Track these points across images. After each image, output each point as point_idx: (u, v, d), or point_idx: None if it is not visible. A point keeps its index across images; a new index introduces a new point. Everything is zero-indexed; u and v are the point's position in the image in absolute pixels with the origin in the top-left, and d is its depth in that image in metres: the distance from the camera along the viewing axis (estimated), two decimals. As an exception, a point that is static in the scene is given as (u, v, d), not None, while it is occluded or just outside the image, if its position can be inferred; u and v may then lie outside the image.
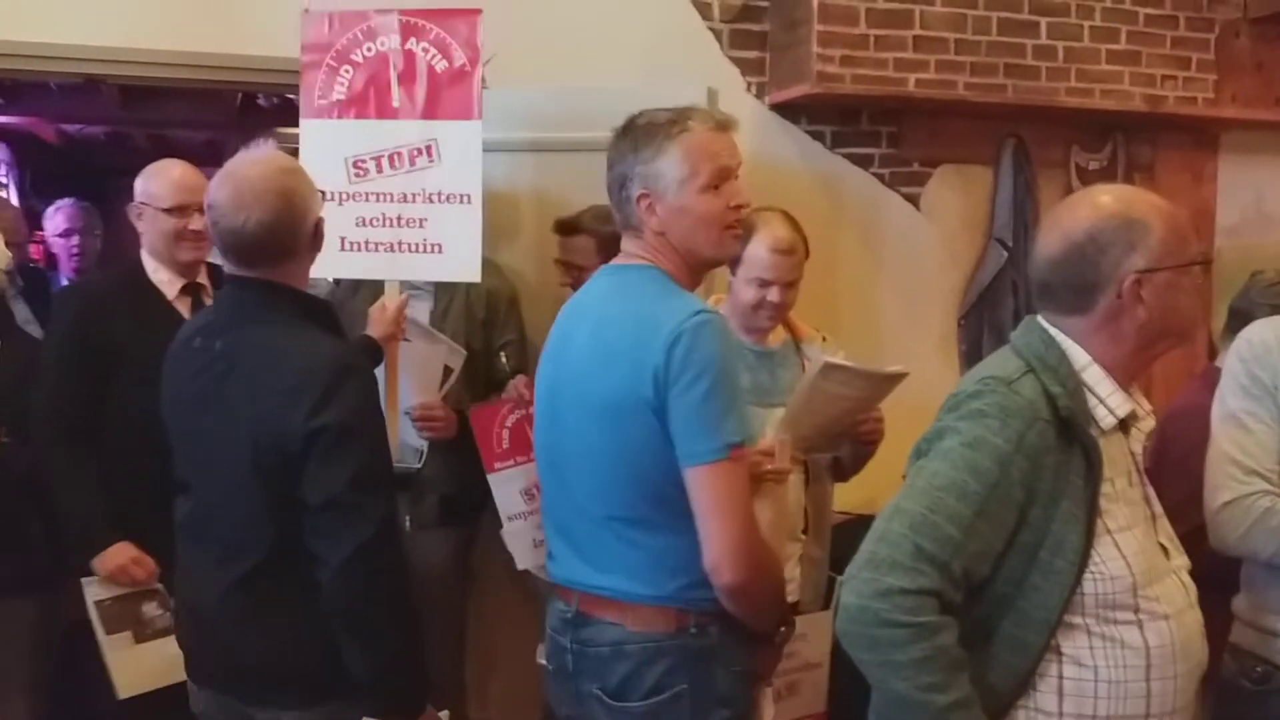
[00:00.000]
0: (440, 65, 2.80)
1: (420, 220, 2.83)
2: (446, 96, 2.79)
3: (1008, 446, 1.54)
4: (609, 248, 3.01)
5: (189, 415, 2.03)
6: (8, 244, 3.00)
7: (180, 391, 2.07)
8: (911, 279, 3.97)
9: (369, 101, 2.82)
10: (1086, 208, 1.64)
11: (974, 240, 4.03)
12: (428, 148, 2.84)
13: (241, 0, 3.30)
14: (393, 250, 2.83)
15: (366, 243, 2.83)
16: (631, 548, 1.83)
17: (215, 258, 2.34)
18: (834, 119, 3.84)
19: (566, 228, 3.03)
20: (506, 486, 2.86)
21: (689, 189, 1.83)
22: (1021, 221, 4.04)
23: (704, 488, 1.74)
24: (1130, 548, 1.59)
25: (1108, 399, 1.62)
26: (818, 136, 3.86)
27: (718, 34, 3.74)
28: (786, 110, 3.79)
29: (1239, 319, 2.65)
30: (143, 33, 3.20)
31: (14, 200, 7.20)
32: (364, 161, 2.85)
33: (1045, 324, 1.66)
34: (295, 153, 2.68)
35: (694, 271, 1.92)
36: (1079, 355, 1.62)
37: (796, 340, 2.67)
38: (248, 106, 6.14)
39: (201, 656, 2.08)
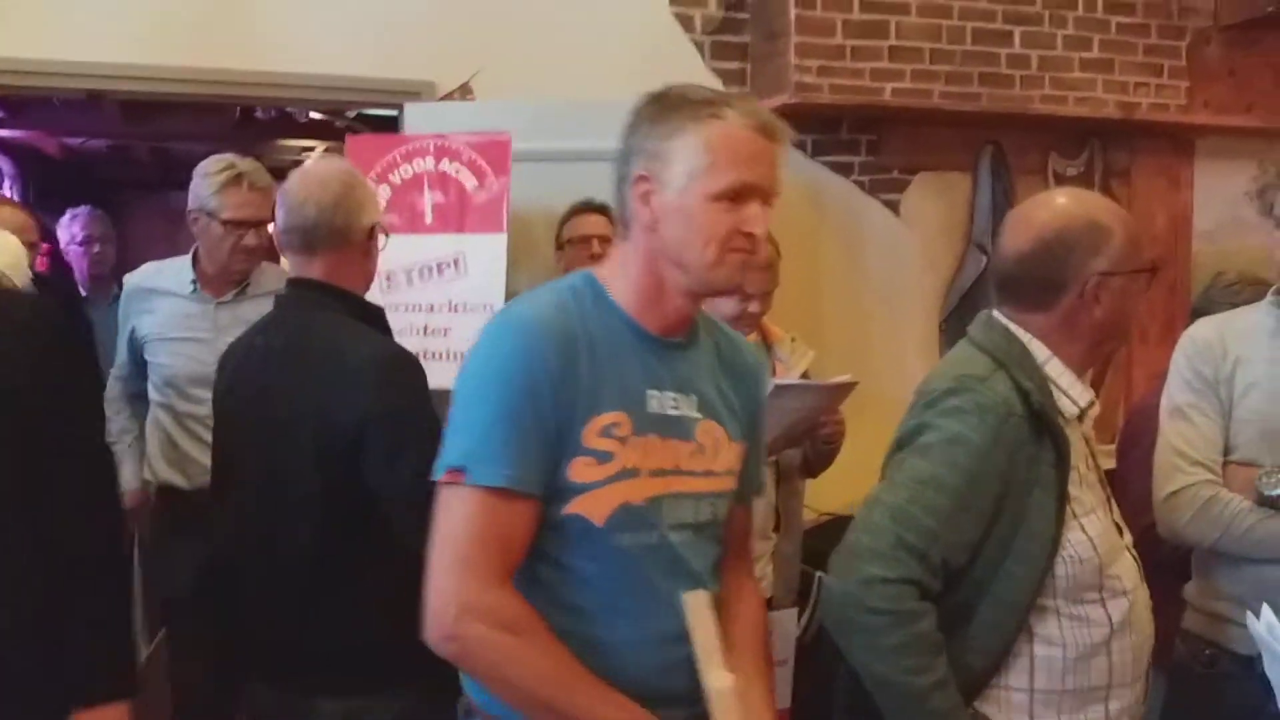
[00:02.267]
0: (471, 184, 2.97)
1: (445, 329, 2.98)
2: (476, 212, 2.96)
3: (984, 442, 1.61)
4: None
5: (249, 412, 2.11)
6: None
7: (241, 391, 2.16)
8: (893, 284, 4.07)
9: (403, 217, 2.99)
10: (1056, 208, 1.73)
11: (953, 246, 4.13)
12: (455, 260, 3.00)
13: (240, 16, 3.40)
14: (421, 358, 2.92)
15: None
16: None
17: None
18: (814, 128, 3.93)
19: (589, 207, 3.13)
20: None
21: (698, 188, 1.40)
22: (1001, 227, 4.12)
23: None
24: (1095, 530, 1.69)
25: (1069, 390, 1.71)
26: (799, 145, 3.95)
27: (699, 45, 3.85)
28: (768, 119, 3.88)
29: (1200, 318, 2.73)
30: (146, 49, 3.31)
31: (18, 212, 7.32)
32: (396, 274, 2.98)
33: (1005, 320, 1.74)
34: (295, 165, 2.84)
35: (661, 293, 1.48)
36: (1040, 350, 1.71)
37: (767, 343, 2.76)
38: (246, 119, 6.25)
39: (261, 650, 2.09)
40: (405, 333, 2.86)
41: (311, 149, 7.55)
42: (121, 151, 7.89)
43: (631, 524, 1.43)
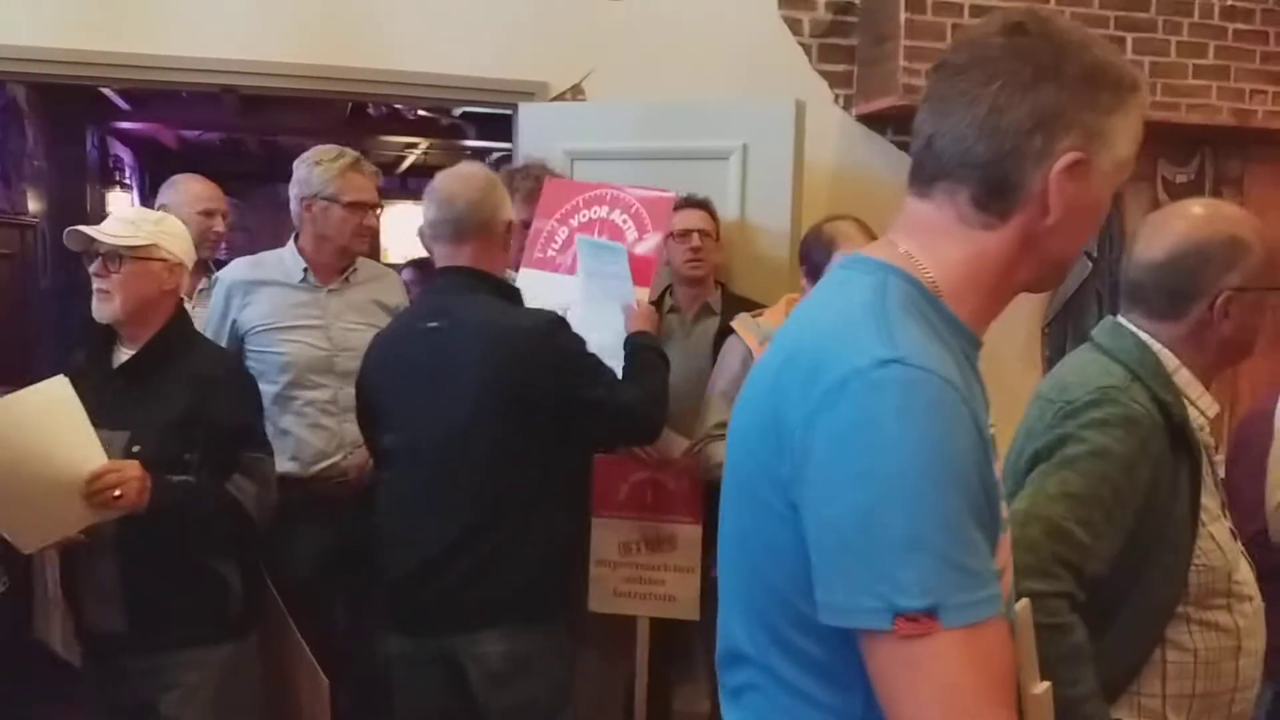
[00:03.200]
0: (631, 236, 3.03)
1: None
2: (633, 264, 2.96)
3: (1132, 455, 1.61)
4: (719, 231, 3.21)
5: (417, 385, 2.34)
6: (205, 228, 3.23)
7: (406, 368, 2.37)
8: None
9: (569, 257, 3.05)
10: (1194, 219, 1.71)
11: (1058, 251, 4.09)
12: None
13: (361, 15, 3.54)
14: None
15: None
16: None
17: None
18: (921, 130, 3.93)
19: (690, 202, 3.20)
20: (605, 533, 3.04)
21: (1116, 179, 1.13)
22: (1107, 233, 4.09)
23: (880, 665, 0.98)
24: (1223, 536, 1.70)
25: (1198, 400, 1.71)
26: (904, 147, 3.96)
27: (807, 48, 3.89)
28: (873, 121, 3.91)
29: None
30: (271, 45, 3.47)
31: (137, 200, 7.63)
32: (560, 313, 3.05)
33: (1133, 327, 1.73)
34: (396, 161, 2.97)
35: (1002, 300, 1.16)
36: (1169, 359, 1.70)
37: None
38: (355, 115, 6.45)
39: (418, 607, 2.35)
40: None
41: (416, 145, 7.76)
42: (234, 144, 8.19)
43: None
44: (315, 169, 2.89)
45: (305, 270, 2.95)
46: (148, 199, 8.00)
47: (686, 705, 3.37)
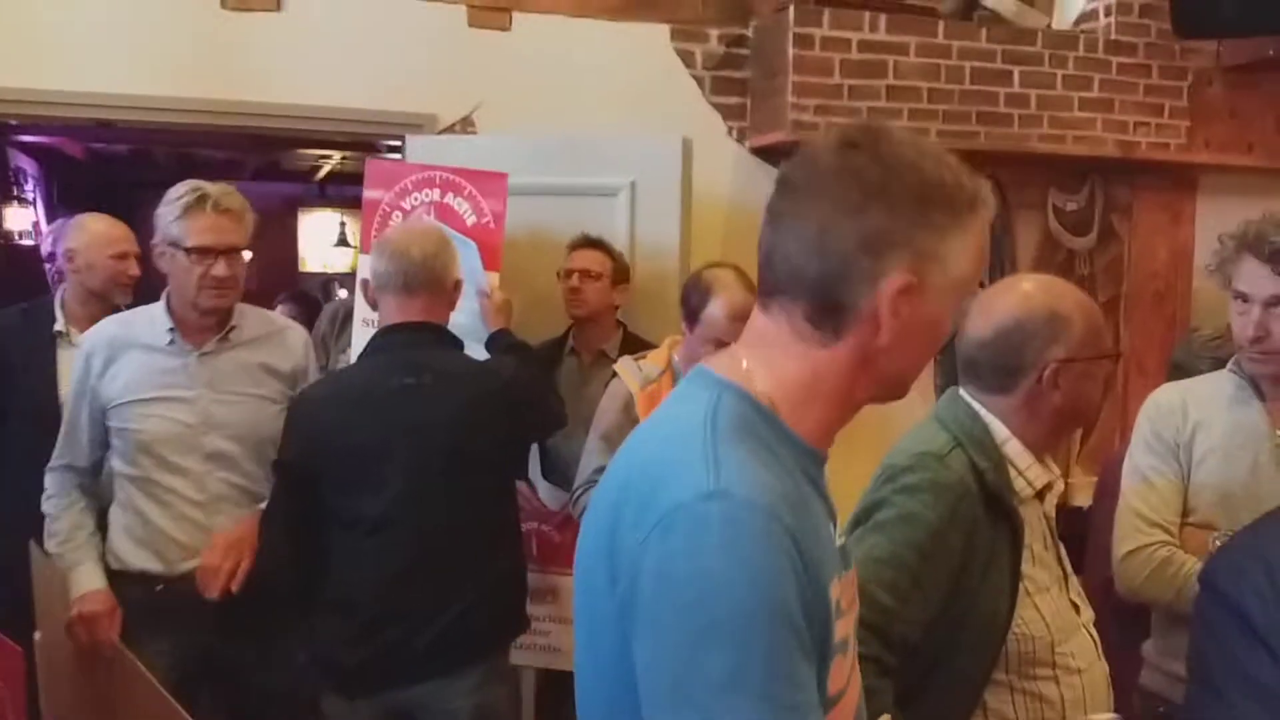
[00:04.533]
0: (470, 219, 3.10)
1: None
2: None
3: (940, 521, 1.64)
4: (619, 274, 3.23)
5: (399, 444, 2.32)
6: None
7: (383, 426, 2.33)
8: None
9: None
10: (1017, 297, 1.76)
11: (950, 279, 4.15)
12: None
13: (250, 49, 3.48)
14: None
15: None
16: None
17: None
18: (813, 162, 3.97)
19: (588, 242, 3.26)
20: None
21: (954, 297, 1.11)
22: (998, 261, 4.16)
23: None
24: (1048, 608, 1.73)
25: (1026, 471, 1.75)
26: (796, 179, 3.99)
27: (700, 80, 3.90)
28: (767, 154, 3.93)
29: (1179, 372, 2.77)
30: (156, 80, 3.41)
31: (41, 213, 7.44)
32: None
33: (969, 398, 1.78)
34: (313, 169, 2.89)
35: (844, 415, 1.14)
36: (1000, 430, 1.74)
37: None
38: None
39: (384, 665, 2.33)
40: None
41: (329, 157, 7.66)
42: (143, 154, 8.01)
43: None
44: (161, 210, 2.49)
45: (171, 331, 2.52)
46: (54, 211, 7.81)
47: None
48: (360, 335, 3.02)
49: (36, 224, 7.20)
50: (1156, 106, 4.02)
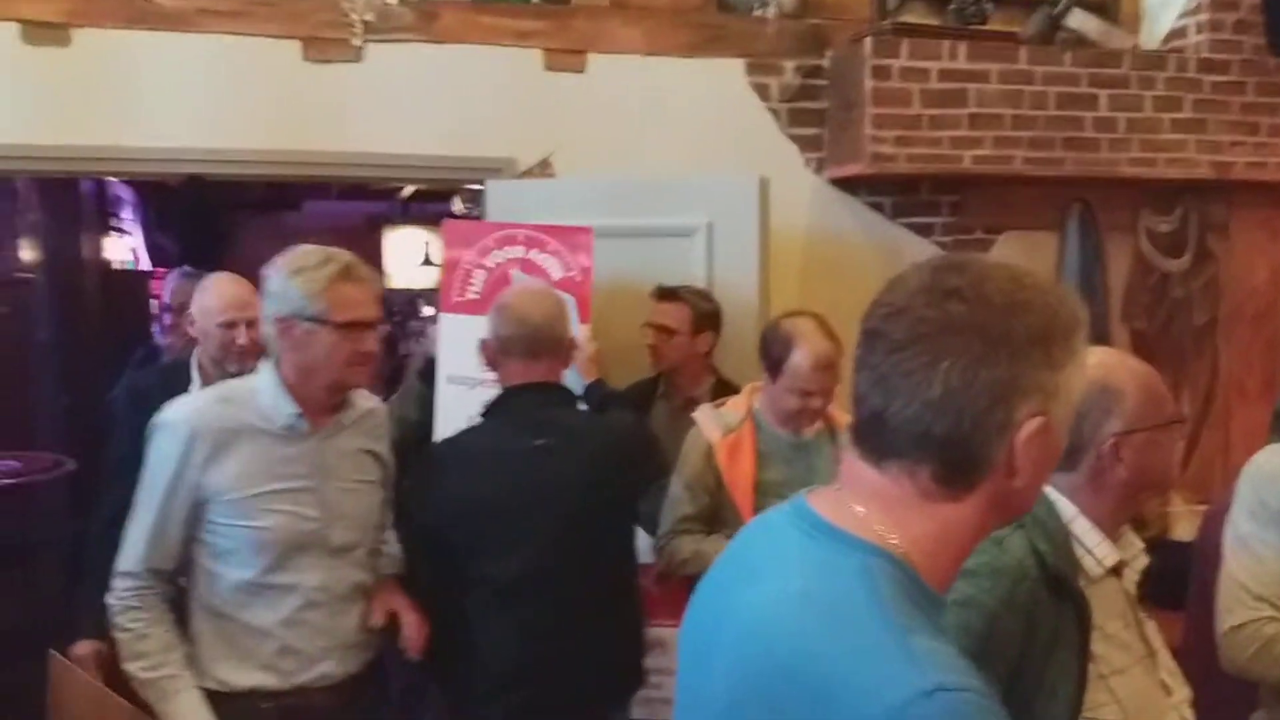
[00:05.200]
0: (556, 274, 3.11)
1: None
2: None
3: (997, 605, 1.59)
4: (701, 322, 3.23)
5: (535, 505, 2.37)
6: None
7: (520, 488, 2.38)
8: None
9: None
10: None
11: (1038, 306, 4.05)
12: None
13: (330, 100, 3.55)
14: None
15: None
16: None
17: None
18: (893, 191, 3.93)
19: (666, 294, 3.27)
20: None
21: (1071, 419, 1.09)
22: (1089, 286, 4.07)
23: None
24: (1123, 690, 1.68)
25: (1095, 549, 1.70)
26: (877, 208, 3.95)
27: (776, 113, 3.87)
28: (845, 184, 3.89)
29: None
30: (243, 134, 3.49)
31: (139, 236, 7.69)
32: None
33: None
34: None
35: (964, 559, 1.11)
36: (1066, 508, 1.70)
37: (832, 429, 2.79)
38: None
39: (531, 707, 2.38)
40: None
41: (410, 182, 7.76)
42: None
43: None
44: (293, 281, 2.15)
45: (298, 415, 2.18)
46: (152, 236, 8.08)
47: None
48: (445, 393, 3.06)
49: (135, 251, 7.46)
50: (1252, 125, 3.88)
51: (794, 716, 0.95)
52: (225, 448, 2.12)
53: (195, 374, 3.01)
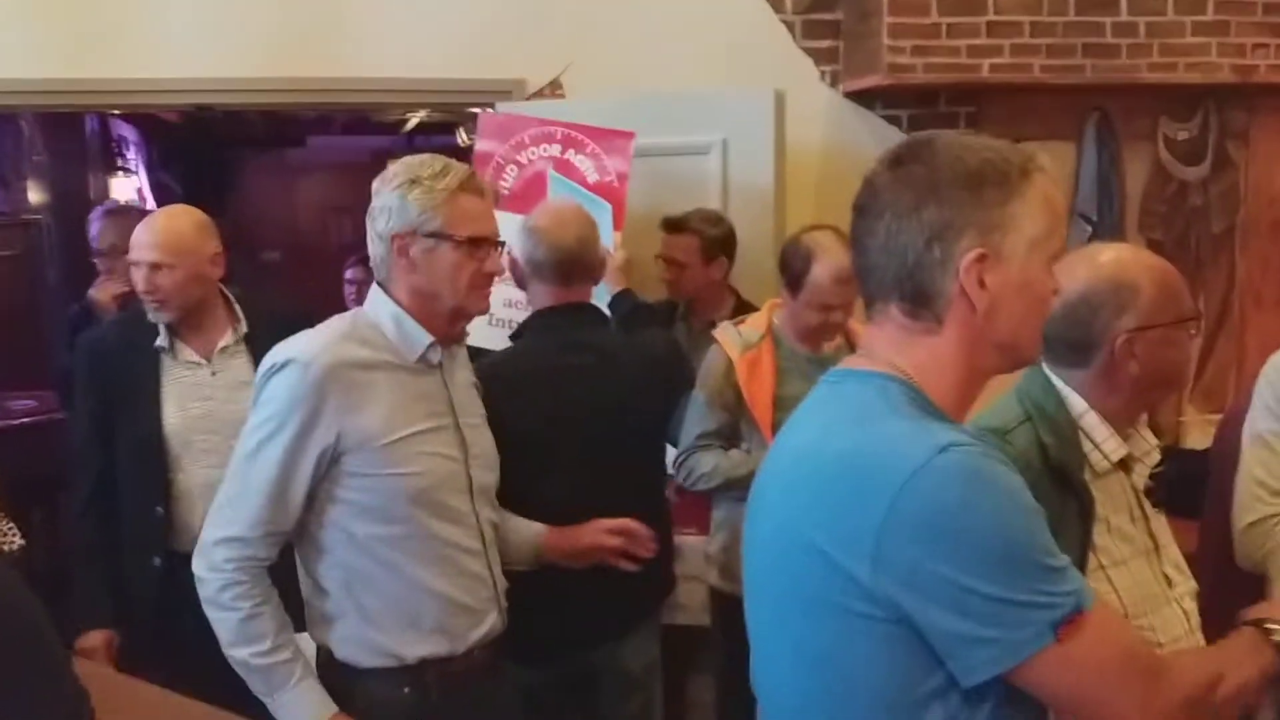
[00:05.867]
0: (592, 176, 3.05)
1: None
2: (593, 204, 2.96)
3: None
4: (711, 250, 3.21)
5: (580, 422, 2.38)
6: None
7: (565, 405, 2.38)
8: None
9: (528, 199, 3.00)
10: (1085, 269, 1.71)
11: (1056, 217, 4.02)
12: None
13: (333, 25, 3.50)
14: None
15: (509, 321, 2.95)
16: None
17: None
18: (910, 103, 3.86)
19: (673, 225, 3.23)
20: None
21: (1039, 256, 1.23)
22: (1106, 195, 4.02)
23: (1052, 677, 1.14)
24: (1123, 581, 1.69)
25: (1103, 444, 1.71)
26: (894, 121, 3.90)
27: (790, 26, 3.80)
28: (861, 97, 3.83)
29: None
30: (245, 63, 3.45)
31: (143, 175, 7.64)
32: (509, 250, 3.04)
33: (1048, 372, 1.75)
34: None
35: (974, 387, 1.29)
36: (1077, 403, 1.71)
37: (851, 345, 2.78)
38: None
39: (577, 616, 2.36)
40: (519, 305, 2.83)
41: (418, 110, 7.67)
42: (236, 114, 8.14)
43: None
44: (412, 192, 1.90)
45: (432, 343, 1.95)
46: (155, 174, 8.03)
47: (698, 695, 3.48)
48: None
49: (140, 190, 7.42)
50: (1276, 27, 3.78)
51: (842, 505, 1.15)
52: (364, 388, 1.86)
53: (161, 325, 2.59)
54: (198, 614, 1.86)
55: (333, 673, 1.90)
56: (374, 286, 1.98)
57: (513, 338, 2.53)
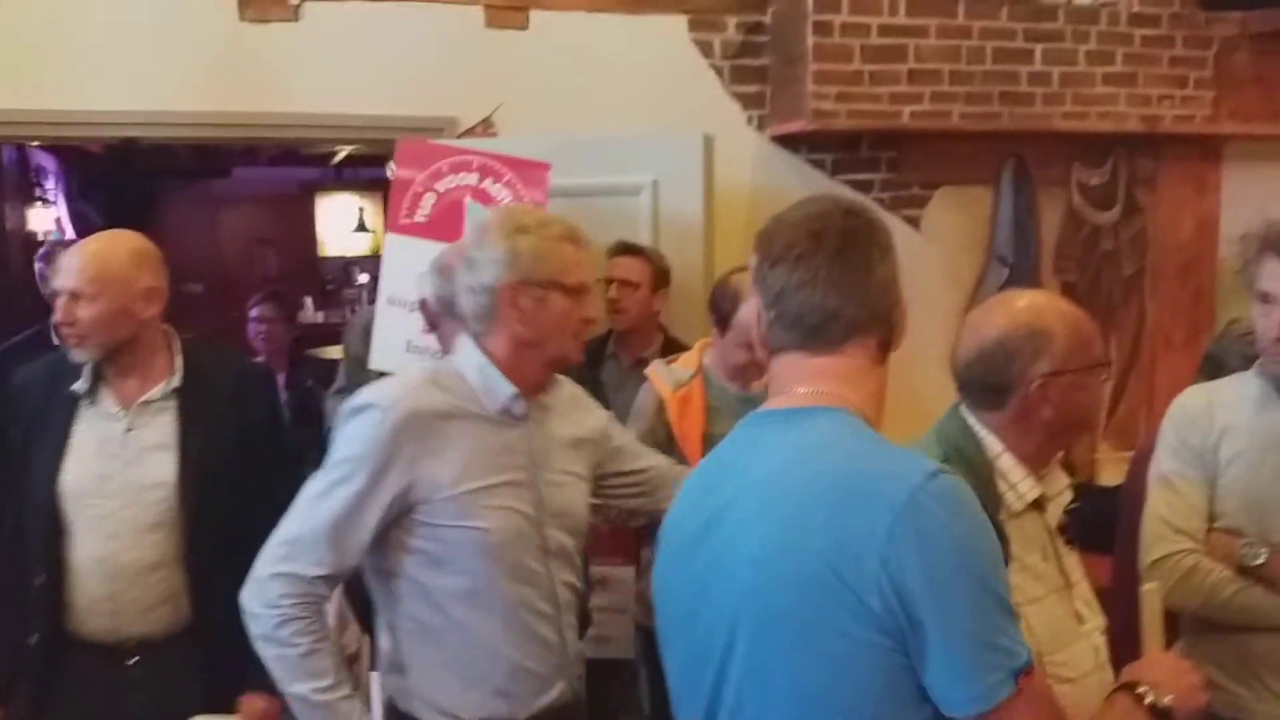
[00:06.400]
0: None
1: None
2: None
3: None
4: (660, 279, 3.25)
5: None
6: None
7: None
8: (913, 299, 3.98)
9: (445, 226, 3.00)
10: (1002, 315, 1.77)
11: (975, 259, 4.15)
12: None
13: (267, 60, 3.49)
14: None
15: (428, 348, 2.90)
16: None
17: None
18: (834, 148, 3.96)
19: (626, 249, 3.28)
20: None
21: None
22: (1023, 239, 4.15)
23: None
24: (1038, 619, 1.71)
25: (1018, 485, 1.75)
26: (819, 165, 3.99)
27: (719, 70, 3.88)
28: (787, 141, 3.92)
29: (1212, 365, 2.76)
30: (177, 96, 3.42)
31: (63, 206, 7.48)
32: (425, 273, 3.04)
33: (966, 413, 1.80)
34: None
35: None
36: (993, 444, 1.76)
37: None
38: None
39: None
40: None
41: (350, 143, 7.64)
42: (161, 146, 8.01)
43: None
44: (521, 240, 1.86)
45: (515, 395, 1.90)
46: (75, 205, 7.85)
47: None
48: (385, 315, 3.03)
49: (59, 220, 7.26)
50: (1180, 78, 3.97)
51: (844, 526, 1.22)
52: (441, 436, 1.83)
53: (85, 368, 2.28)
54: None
55: None
56: (463, 338, 1.95)
57: None
